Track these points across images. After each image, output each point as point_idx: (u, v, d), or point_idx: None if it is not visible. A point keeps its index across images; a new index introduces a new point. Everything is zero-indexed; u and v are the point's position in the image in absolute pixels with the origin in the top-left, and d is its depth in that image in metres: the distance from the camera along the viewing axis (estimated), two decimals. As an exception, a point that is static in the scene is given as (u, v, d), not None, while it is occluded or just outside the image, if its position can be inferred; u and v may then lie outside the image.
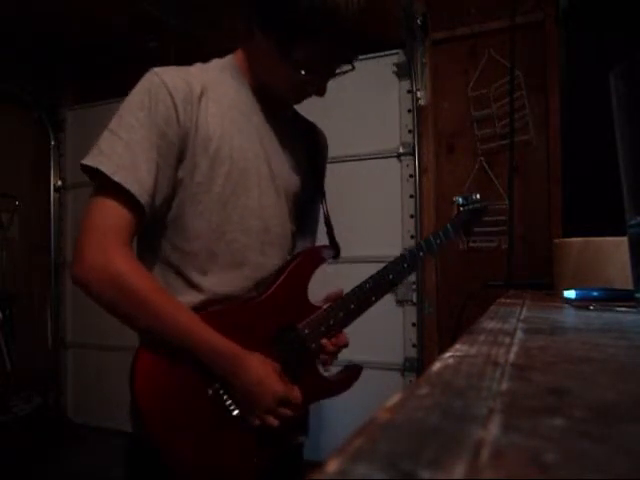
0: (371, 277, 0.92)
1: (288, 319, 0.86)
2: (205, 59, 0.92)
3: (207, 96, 0.78)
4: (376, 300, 0.92)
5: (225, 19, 2.10)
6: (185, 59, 0.93)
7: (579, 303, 0.64)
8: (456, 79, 2.26)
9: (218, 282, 0.81)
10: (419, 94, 2.27)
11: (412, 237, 2.28)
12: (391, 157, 2.36)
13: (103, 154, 0.71)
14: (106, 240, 0.70)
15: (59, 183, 3.11)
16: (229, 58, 0.87)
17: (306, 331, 0.86)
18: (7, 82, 2.76)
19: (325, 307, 0.89)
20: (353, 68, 0.84)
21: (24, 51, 2.75)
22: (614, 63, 0.46)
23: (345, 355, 1.04)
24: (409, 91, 2.31)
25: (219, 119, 0.79)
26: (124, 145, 0.71)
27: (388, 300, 2.31)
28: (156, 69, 0.76)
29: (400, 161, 2.34)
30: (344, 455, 0.16)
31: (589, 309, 0.61)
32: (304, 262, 0.89)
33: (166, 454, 0.75)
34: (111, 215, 0.71)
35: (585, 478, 0.14)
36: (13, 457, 2.44)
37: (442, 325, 2.24)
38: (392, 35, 2.26)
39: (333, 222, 1.02)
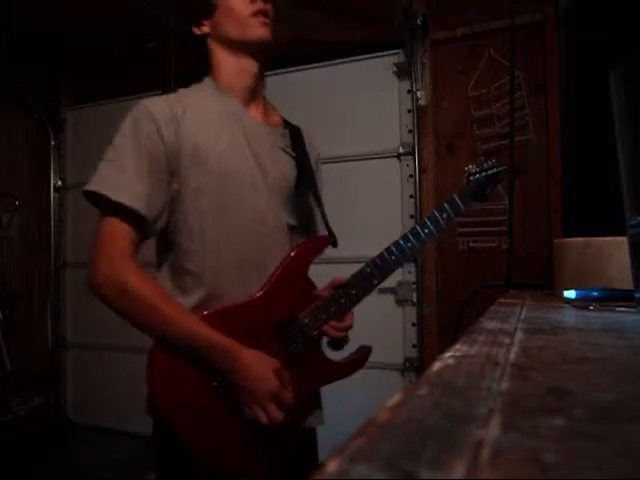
0: (372, 260, 0.95)
1: (288, 310, 0.91)
2: (204, 59, 0.95)
3: (191, 113, 0.89)
4: (379, 283, 0.95)
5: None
6: (185, 59, 0.94)
7: (579, 303, 0.64)
8: (456, 79, 2.26)
9: (223, 276, 0.88)
10: (419, 94, 2.27)
11: (412, 237, 2.27)
12: (391, 157, 2.36)
13: (103, 180, 0.82)
14: (113, 255, 0.82)
15: (59, 183, 3.10)
16: (205, 80, 0.97)
17: (306, 320, 0.91)
18: (7, 82, 2.76)
19: (325, 295, 0.93)
20: None
21: (24, 51, 2.75)
22: (614, 63, 0.46)
23: (345, 355, 1.04)
24: (409, 91, 2.31)
25: (205, 129, 0.89)
26: (119, 169, 0.82)
27: (388, 300, 2.32)
28: (141, 100, 0.88)
29: (400, 161, 2.34)
30: (344, 455, 0.16)
31: (589, 309, 0.61)
32: (300, 254, 0.94)
33: (182, 438, 0.83)
34: (115, 232, 0.82)
35: (585, 478, 0.14)
36: (13, 457, 2.44)
37: (442, 325, 2.24)
38: (392, 35, 2.26)
39: (333, 222, 1.04)
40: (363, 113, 2.40)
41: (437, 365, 0.28)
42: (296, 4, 2.16)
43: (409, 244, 0.95)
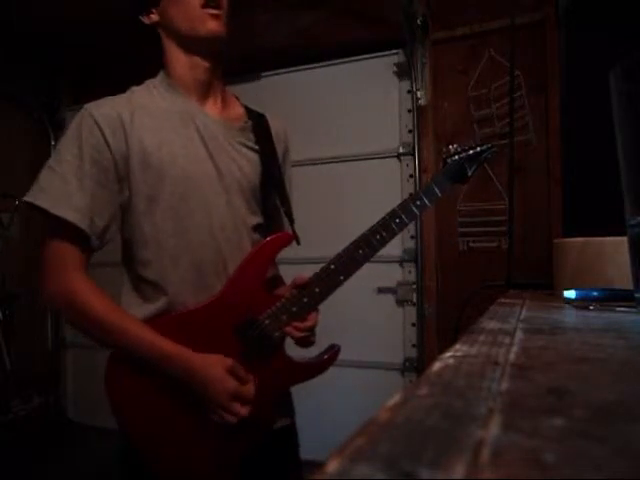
0: (336, 256, 0.89)
1: (247, 313, 0.87)
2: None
3: (140, 115, 0.85)
4: (345, 279, 0.89)
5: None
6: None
7: (579, 303, 0.64)
8: (456, 79, 2.26)
9: (183, 284, 0.85)
10: (419, 94, 2.26)
11: (412, 237, 2.28)
12: (391, 157, 2.36)
13: (42, 190, 0.79)
14: (58, 269, 0.80)
15: (59, 183, 3.10)
16: (160, 74, 0.93)
17: (266, 322, 0.87)
18: (7, 82, 2.76)
19: (286, 296, 0.89)
20: None
21: (24, 51, 2.75)
22: (614, 63, 0.46)
23: (345, 355, 1.04)
24: (409, 91, 2.31)
25: (156, 132, 0.85)
26: (60, 179, 0.79)
27: (388, 300, 2.32)
28: (87, 104, 0.85)
29: (400, 161, 2.34)
30: (344, 455, 0.16)
31: (589, 309, 0.61)
32: (258, 254, 0.89)
33: (144, 452, 0.83)
34: (59, 246, 0.81)
35: (585, 478, 0.14)
36: (13, 457, 2.44)
37: (442, 325, 2.24)
38: (392, 35, 2.26)
39: (332, 222, 1.03)
40: (363, 113, 2.40)
41: (437, 365, 0.28)
42: (296, 4, 2.16)
43: (377, 236, 0.90)
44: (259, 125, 0.97)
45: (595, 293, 0.65)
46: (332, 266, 0.88)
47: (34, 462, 2.47)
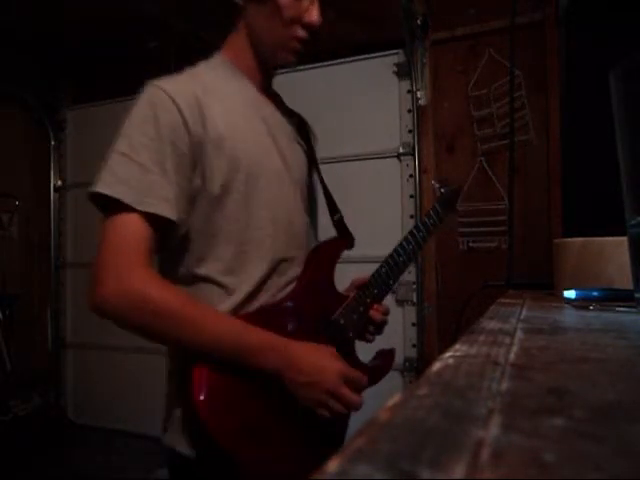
0: (385, 261, 0.94)
1: (322, 311, 0.86)
2: (206, 59, 0.92)
3: (208, 97, 0.75)
4: (394, 283, 0.96)
5: (225, 19, 2.10)
6: (185, 59, 0.92)
7: (579, 303, 0.64)
8: (456, 79, 2.26)
9: (250, 280, 0.77)
10: (419, 94, 2.27)
11: (412, 237, 2.28)
12: (391, 157, 2.36)
13: (121, 182, 0.67)
14: (125, 263, 0.66)
15: (59, 183, 3.10)
16: (217, 56, 0.84)
17: (342, 321, 0.87)
18: (7, 82, 2.76)
19: (352, 296, 0.90)
20: None
21: (24, 51, 2.75)
22: (614, 63, 0.46)
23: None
24: (409, 91, 2.31)
25: (226, 117, 0.76)
26: (139, 168, 0.68)
27: (388, 300, 2.31)
28: (153, 81, 0.73)
29: (400, 161, 2.34)
30: (344, 455, 0.16)
31: (589, 309, 0.61)
32: (326, 254, 0.89)
33: (241, 464, 0.70)
34: (129, 236, 0.67)
35: (585, 478, 0.14)
36: (13, 457, 2.44)
37: (442, 325, 2.24)
38: (392, 35, 2.26)
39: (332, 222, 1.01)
40: (363, 113, 2.40)
41: (437, 365, 0.28)
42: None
43: (411, 245, 0.99)
44: (301, 123, 0.95)
45: (595, 293, 0.65)
46: (383, 269, 0.93)
47: (34, 462, 2.48)
